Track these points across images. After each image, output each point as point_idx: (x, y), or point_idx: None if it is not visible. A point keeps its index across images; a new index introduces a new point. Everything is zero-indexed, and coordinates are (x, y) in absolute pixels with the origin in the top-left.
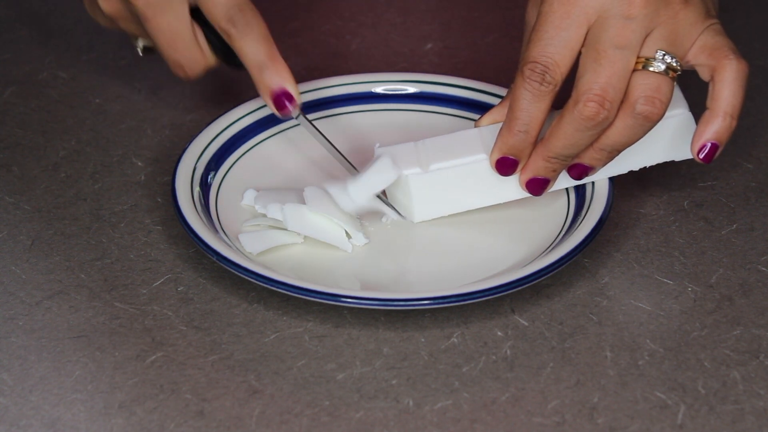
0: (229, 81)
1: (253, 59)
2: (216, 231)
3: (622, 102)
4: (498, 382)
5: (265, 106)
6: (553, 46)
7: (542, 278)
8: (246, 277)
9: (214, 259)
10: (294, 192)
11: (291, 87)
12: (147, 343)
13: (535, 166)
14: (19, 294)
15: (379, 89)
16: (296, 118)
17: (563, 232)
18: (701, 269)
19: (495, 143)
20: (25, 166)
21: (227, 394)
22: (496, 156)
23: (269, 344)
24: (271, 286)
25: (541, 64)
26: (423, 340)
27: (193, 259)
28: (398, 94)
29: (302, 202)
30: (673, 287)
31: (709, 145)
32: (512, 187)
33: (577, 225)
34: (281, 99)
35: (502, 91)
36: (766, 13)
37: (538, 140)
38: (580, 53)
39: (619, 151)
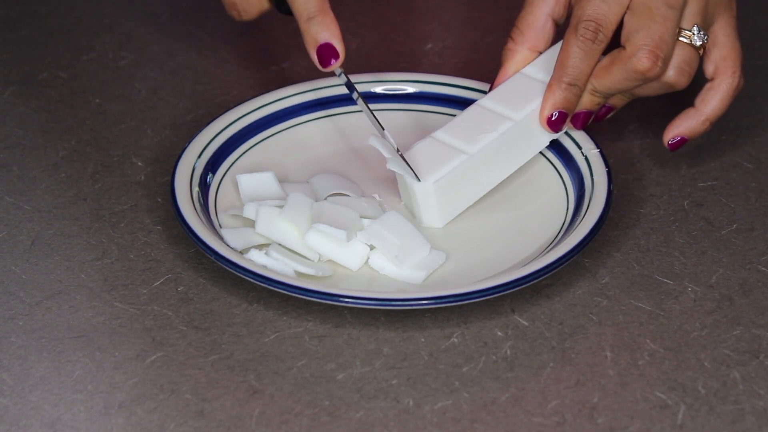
0: (228, 81)
1: (302, 8)
2: (215, 231)
3: None
4: (498, 382)
5: (264, 106)
6: (606, 4)
7: (542, 278)
8: (246, 277)
9: (213, 259)
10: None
11: (337, 42)
12: (147, 343)
13: (582, 101)
14: (19, 294)
15: (379, 89)
16: (338, 76)
17: (563, 232)
18: (701, 269)
19: (544, 100)
20: (25, 166)
21: (227, 394)
22: (548, 112)
23: (269, 344)
24: (271, 286)
25: (595, 22)
26: (423, 340)
27: (193, 259)
28: (398, 94)
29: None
30: (673, 287)
31: (679, 138)
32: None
33: (576, 225)
34: (325, 53)
35: None
36: (766, 13)
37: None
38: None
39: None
